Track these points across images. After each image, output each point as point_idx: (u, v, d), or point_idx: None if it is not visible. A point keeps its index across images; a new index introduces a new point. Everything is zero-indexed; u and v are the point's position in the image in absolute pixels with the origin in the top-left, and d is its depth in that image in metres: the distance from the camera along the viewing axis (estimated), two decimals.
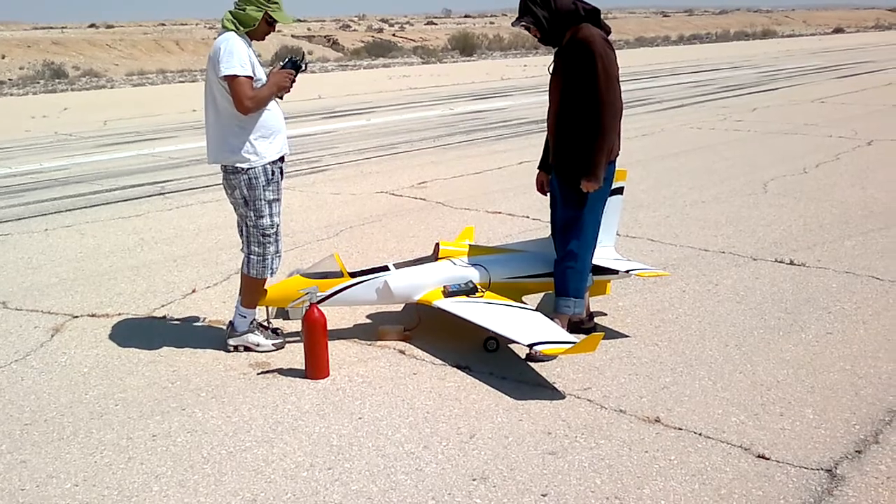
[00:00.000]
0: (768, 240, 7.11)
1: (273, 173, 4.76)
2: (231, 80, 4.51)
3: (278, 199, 4.86)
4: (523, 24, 4.68)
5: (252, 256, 4.85)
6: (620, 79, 4.61)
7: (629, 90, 20.41)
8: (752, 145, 12.12)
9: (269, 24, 4.73)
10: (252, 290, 4.94)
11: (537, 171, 5.15)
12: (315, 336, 4.54)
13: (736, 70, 27.23)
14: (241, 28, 4.67)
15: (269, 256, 4.87)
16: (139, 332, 5.35)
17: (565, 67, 4.60)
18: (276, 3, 4.70)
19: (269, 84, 4.66)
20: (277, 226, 4.88)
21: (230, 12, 4.69)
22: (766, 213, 8.03)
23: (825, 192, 8.91)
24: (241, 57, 4.54)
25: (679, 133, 13.52)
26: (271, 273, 4.92)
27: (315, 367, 4.58)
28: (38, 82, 29.31)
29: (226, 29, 4.66)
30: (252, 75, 4.58)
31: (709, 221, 7.79)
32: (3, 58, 39.39)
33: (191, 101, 20.61)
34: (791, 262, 6.42)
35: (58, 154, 13.05)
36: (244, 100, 4.53)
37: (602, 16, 4.66)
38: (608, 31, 4.64)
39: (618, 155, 4.78)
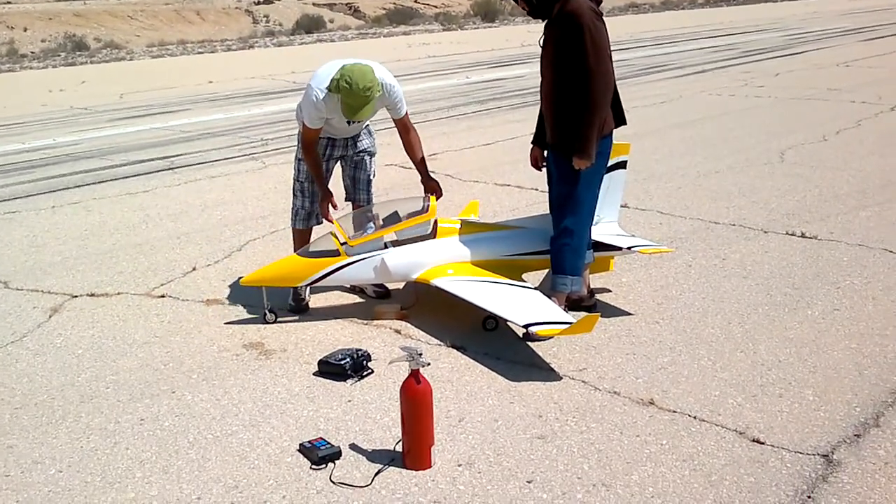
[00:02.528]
0: (781, 211, 6.96)
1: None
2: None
3: (304, 184, 5.31)
4: None
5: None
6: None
7: (650, 56, 20.19)
8: (772, 112, 11.88)
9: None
10: (293, 239, 5.49)
11: (531, 146, 5.05)
12: (419, 413, 3.45)
13: (761, 33, 26.72)
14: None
15: (296, 208, 5.39)
16: (136, 312, 5.33)
17: (555, 41, 4.47)
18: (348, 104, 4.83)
19: (322, 188, 5.15)
20: (302, 183, 5.31)
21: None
22: (781, 184, 7.86)
23: (843, 160, 8.71)
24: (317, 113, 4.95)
25: (698, 100, 13.28)
26: (297, 224, 5.38)
27: (418, 454, 3.47)
28: (59, 55, 29.38)
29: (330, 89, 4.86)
30: (317, 130, 5.05)
31: (721, 192, 7.64)
32: (26, 31, 39.54)
33: (208, 72, 20.58)
34: (802, 235, 6.28)
35: (71, 129, 13.07)
36: (304, 137, 5.09)
37: None
38: (599, 2, 4.51)
39: (612, 129, 4.66)
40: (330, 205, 5.11)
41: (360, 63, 4.86)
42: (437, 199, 5.20)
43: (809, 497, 3.18)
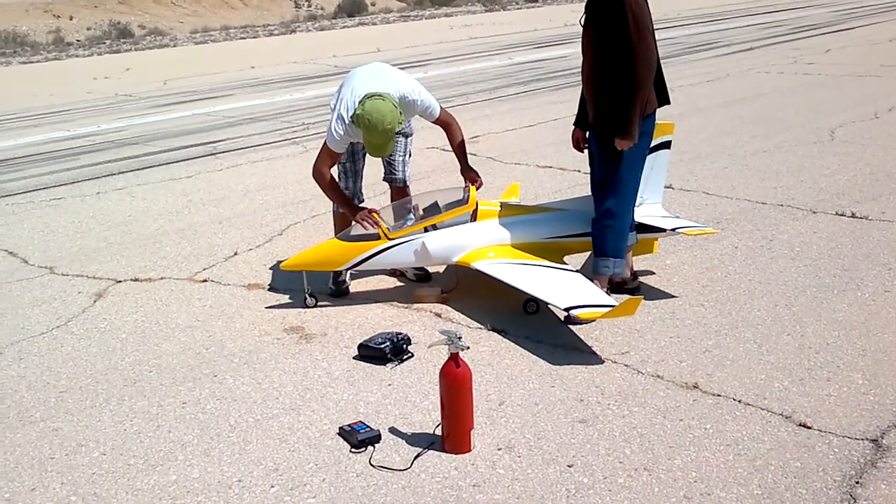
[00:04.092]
0: (830, 191, 6.83)
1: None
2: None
3: (346, 164, 5.33)
4: None
5: None
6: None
7: (696, 34, 19.88)
8: (822, 89, 11.64)
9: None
10: (334, 223, 5.48)
11: (573, 127, 5.00)
12: (459, 397, 3.44)
13: (812, 9, 26.18)
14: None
15: (342, 188, 5.28)
16: (179, 297, 5.39)
17: (596, 20, 4.42)
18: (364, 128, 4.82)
19: (350, 206, 5.13)
20: (343, 164, 5.29)
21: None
22: (831, 163, 7.70)
23: (895, 138, 8.52)
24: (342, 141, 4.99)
25: (746, 78, 13.06)
26: (338, 208, 5.31)
27: (457, 438, 3.46)
28: (104, 42, 29.75)
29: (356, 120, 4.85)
30: (339, 153, 5.06)
31: (769, 172, 7.51)
32: (71, 19, 40.10)
33: (250, 58, 20.69)
34: (853, 215, 6.15)
35: (116, 115, 13.23)
36: (318, 164, 5.03)
37: None
38: None
39: (656, 108, 4.60)
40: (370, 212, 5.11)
41: (379, 97, 4.79)
42: (478, 188, 5.17)
43: (857, 482, 3.12)
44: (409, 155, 5.47)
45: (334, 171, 5.15)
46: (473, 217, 5.09)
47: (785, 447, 3.36)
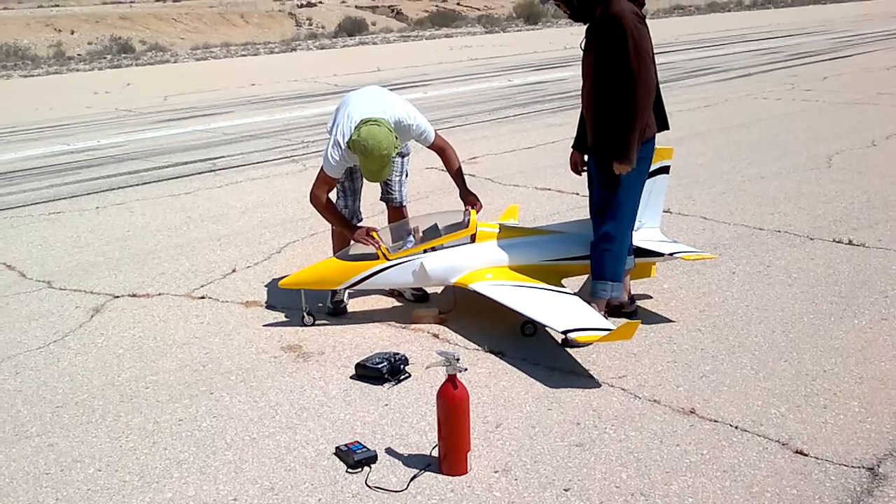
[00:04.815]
0: (828, 218, 6.85)
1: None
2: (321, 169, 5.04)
3: (344, 184, 5.33)
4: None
5: None
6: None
7: (695, 59, 20.00)
8: (819, 116, 11.70)
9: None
10: (333, 242, 5.55)
11: (571, 150, 5.02)
12: (456, 419, 3.43)
13: (810, 36, 26.36)
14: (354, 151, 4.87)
15: (339, 208, 5.30)
16: (176, 313, 5.39)
17: (597, 44, 4.45)
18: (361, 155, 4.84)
19: (348, 226, 5.14)
20: (342, 183, 5.29)
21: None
22: (828, 189, 7.73)
23: (893, 166, 8.54)
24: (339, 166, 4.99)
25: (743, 103, 13.13)
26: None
27: (454, 460, 3.46)
28: (105, 57, 29.85)
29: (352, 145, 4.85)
30: (336, 178, 5.06)
31: (766, 198, 7.53)
32: (73, 33, 40.27)
33: (251, 75, 20.78)
34: (850, 242, 6.17)
35: (116, 130, 13.26)
36: (315, 189, 5.04)
37: None
38: (642, 5, 4.48)
39: (655, 133, 4.62)
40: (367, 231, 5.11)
41: (374, 122, 4.80)
42: (477, 212, 5.18)
43: None
44: (406, 175, 5.49)
45: (332, 191, 5.17)
46: (472, 239, 5.10)
47: (781, 474, 3.36)
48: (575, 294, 4.89)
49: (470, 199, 5.25)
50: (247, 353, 4.73)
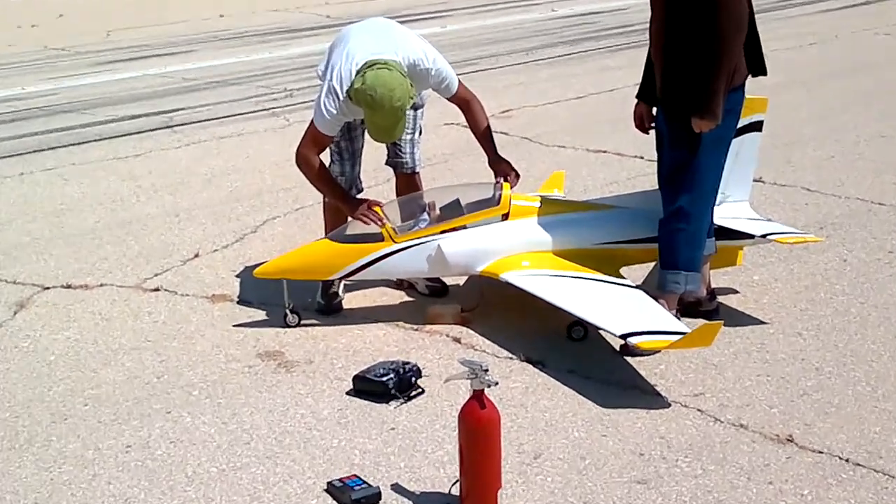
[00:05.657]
0: None
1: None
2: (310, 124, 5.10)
3: (340, 144, 5.34)
4: None
5: None
6: None
7: None
8: None
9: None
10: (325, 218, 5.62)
11: (636, 101, 5.03)
12: (483, 447, 3.43)
13: None
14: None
15: (334, 175, 5.34)
16: (124, 310, 5.45)
17: None
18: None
19: (346, 199, 5.18)
20: (338, 143, 5.30)
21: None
22: None
23: None
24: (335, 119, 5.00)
25: (859, 40, 13.09)
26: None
27: (480, 499, 3.46)
28: None
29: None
30: (331, 136, 5.09)
31: (888, 164, 7.54)
32: None
33: (219, 3, 20.82)
34: None
35: (45, 75, 13.32)
36: (302, 150, 5.08)
37: None
38: None
39: (746, 79, 4.62)
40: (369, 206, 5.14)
41: (384, 65, 4.80)
42: (512, 185, 5.17)
43: None
44: (420, 132, 5.49)
45: (325, 154, 5.19)
46: (504, 217, 5.11)
47: None
48: (638, 287, 4.91)
49: (502, 169, 5.25)
50: (214, 362, 4.77)
